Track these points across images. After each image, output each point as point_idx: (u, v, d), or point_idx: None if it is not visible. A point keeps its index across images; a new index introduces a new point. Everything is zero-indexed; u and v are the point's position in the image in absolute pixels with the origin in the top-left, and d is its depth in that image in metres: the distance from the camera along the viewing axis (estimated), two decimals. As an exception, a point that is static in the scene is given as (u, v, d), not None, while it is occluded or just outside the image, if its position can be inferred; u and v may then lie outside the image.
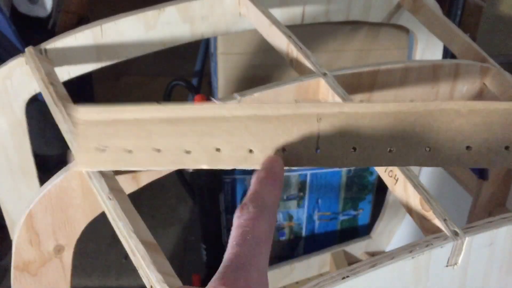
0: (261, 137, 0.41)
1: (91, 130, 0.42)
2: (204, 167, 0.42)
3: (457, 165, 0.42)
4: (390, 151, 0.41)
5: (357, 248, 1.35)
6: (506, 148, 0.41)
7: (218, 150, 0.41)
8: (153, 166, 0.43)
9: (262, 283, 0.37)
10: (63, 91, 0.68)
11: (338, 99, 0.62)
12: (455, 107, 0.41)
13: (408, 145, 0.41)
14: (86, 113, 0.42)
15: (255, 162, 0.41)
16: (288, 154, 0.41)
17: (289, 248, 1.40)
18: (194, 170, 0.44)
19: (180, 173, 1.42)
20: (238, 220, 0.38)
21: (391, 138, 0.41)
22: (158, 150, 0.42)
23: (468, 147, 0.41)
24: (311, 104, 0.41)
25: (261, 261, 0.37)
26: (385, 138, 0.41)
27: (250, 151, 0.41)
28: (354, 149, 0.41)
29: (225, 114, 0.41)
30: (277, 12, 0.84)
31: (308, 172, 1.26)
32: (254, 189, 0.39)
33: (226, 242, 1.41)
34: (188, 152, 0.42)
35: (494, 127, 0.41)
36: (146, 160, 0.43)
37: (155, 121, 0.42)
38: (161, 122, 0.42)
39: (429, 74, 0.71)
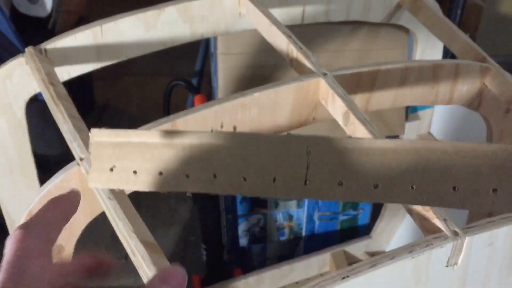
0: (254, 167, 0.43)
1: (103, 150, 0.46)
2: (202, 191, 0.45)
3: (442, 206, 0.42)
4: (375, 186, 0.41)
5: (357, 248, 1.35)
6: (494, 190, 0.41)
7: (215, 176, 0.44)
8: (155, 188, 0.45)
9: None
10: (63, 91, 0.68)
11: (338, 99, 0.62)
12: (442, 146, 0.41)
13: (394, 183, 0.41)
14: (99, 135, 0.46)
15: (248, 190, 0.43)
16: (278, 185, 0.42)
17: (289, 248, 1.40)
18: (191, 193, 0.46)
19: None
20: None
21: (377, 175, 0.41)
22: (160, 173, 0.45)
23: (454, 188, 0.41)
24: (302, 137, 0.42)
25: None
26: (372, 174, 0.42)
27: (244, 179, 0.43)
28: (341, 183, 0.42)
29: (221, 143, 0.43)
30: (277, 12, 0.84)
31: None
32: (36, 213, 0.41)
33: (226, 242, 1.41)
34: (187, 176, 0.44)
35: (481, 169, 0.41)
36: (149, 181, 0.45)
37: (159, 146, 0.45)
38: (163, 147, 0.44)
39: (429, 74, 0.71)
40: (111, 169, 0.46)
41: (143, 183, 0.45)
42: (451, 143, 0.41)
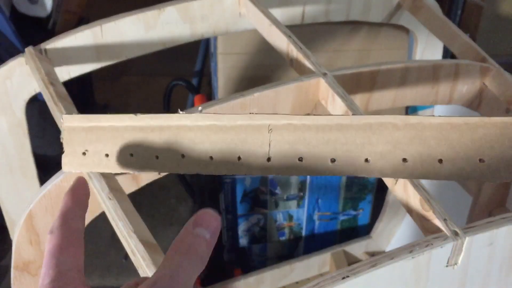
0: (219, 145, 0.45)
1: (75, 135, 0.48)
2: (171, 171, 0.46)
3: (393, 177, 0.44)
4: (332, 161, 0.44)
5: (357, 248, 1.35)
6: (439, 161, 0.43)
7: (183, 156, 0.45)
8: (126, 169, 0.47)
9: None
10: (63, 91, 0.68)
11: (338, 99, 0.62)
12: (393, 121, 0.43)
13: (349, 156, 0.44)
14: (70, 120, 0.48)
15: (214, 169, 0.45)
16: (243, 162, 0.45)
17: (289, 248, 1.40)
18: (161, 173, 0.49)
19: (180, 173, 1.41)
20: (47, 245, 0.41)
21: (334, 149, 0.44)
22: (131, 155, 0.47)
23: (404, 159, 0.43)
24: (262, 116, 0.44)
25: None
26: (329, 149, 0.44)
27: (211, 157, 0.45)
28: (301, 159, 0.44)
29: (188, 123, 0.45)
30: (277, 12, 0.84)
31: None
32: (60, 213, 0.42)
33: (226, 242, 1.41)
34: (157, 157, 0.46)
35: (428, 141, 0.43)
36: (120, 163, 0.47)
37: (128, 129, 0.46)
38: (133, 129, 0.46)
39: (429, 74, 0.71)
40: (84, 153, 0.48)
41: (115, 166, 0.47)
42: (400, 117, 0.43)
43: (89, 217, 0.60)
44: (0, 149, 0.79)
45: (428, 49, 1.04)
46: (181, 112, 0.47)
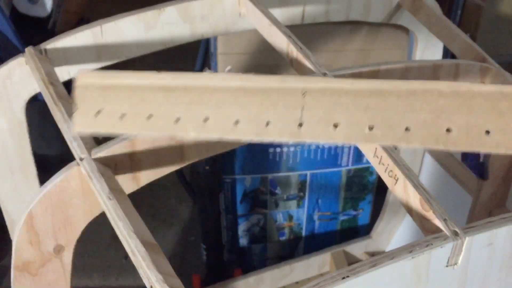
0: (247, 108, 0.41)
1: (88, 93, 0.44)
2: (192, 135, 0.43)
3: (435, 148, 0.41)
4: (370, 128, 0.41)
5: (357, 248, 1.35)
6: (487, 132, 0.40)
7: (206, 119, 0.42)
8: (143, 131, 0.44)
9: None
10: (63, 91, 0.68)
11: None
12: (438, 87, 0.40)
13: (388, 124, 0.41)
14: (85, 77, 0.44)
15: (240, 133, 0.42)
16: (272, 127, 0.41)
17: (289, 248, 1.40)
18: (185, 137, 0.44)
19: (180, 173, 1.42)
20: None
21: (372, 116, 0.41)
22: (149, 117, 0.43)
23: (448, 130, 0.40)
24: (297, 78, 0.41)
25: None
26: (367, 116, 0.41)
27: (237, 122, 0.42)
28: (336, 126, 0.41)
29: (214, 84, 0.42)
30: (277, 12, 0.84)
31: (308, 172, 1.26)
32: None
33: (226, 242, 1.41)
34: (177, 120, 0.43)
35: (476, 110, 0.40)
36: (137, 125, 0.43)
37: (147, 88, 0.43)
38: (152, 89, 0.43)
39: (429, 74, 0.71)
40: (98, 113, 0.44)
41: (131, 127, 0.44)
42: (447, 83, 0.41)
43: (89, 217, 0.61)
44: (0, 149, 0.79)
45: (428, 49, 1.04)
46: (207, 70, 0.44)
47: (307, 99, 0.41)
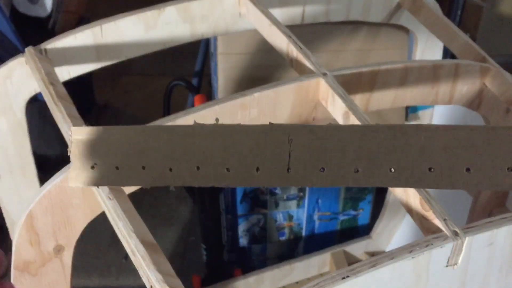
0: (237, 156, 0.43)
1: (84, 148, 0.46)
2: (185, 184, 0.45)
3: (419, 187, 0.43)
4: (356, 171, 0.42)
5: (357, 248, 1.35)
6: (467, 170, 0.42)
7: (198, 168, 0.44)
8: (138, 183, 0.45)
9: None
10: (63, 91, 0.68)
11: (338, 99, 0.62)
12: (417, 128, 0.42)
13: (374, 166, 0.42)
14: (79, 133, 0.46)
15: (231, 181, 0.44)
16: (261, 174, 0.43)
17: (289, 248, 1.40)
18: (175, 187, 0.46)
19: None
20: None
21: (358, 159, 0.42)
22: (143, 168, 0.45)
23: (430, 169, 0.42)
24: (283, 125, 0.43)
25: None
26: (352, 159, 0.42)
27: (228, 169, 0.43)
28: (323, 169, 0.43)
29: (204, 135, 0.44)
30: (277, 12, 0.84)
31: (308, 172, 1.26)
32: None
33: (226, 242, 1.41)
34: (170, 169, 0.44)
35: (456, 150, 0.42)
36: (131, 177, 0.45)
37: (140, 140, 0.45)
38: (146, 141, 0.44)
39: (429, 74, 0.71)
40: (93, 167, 0.46)
41: (126, 179, 0.45)
42: (427, 126, 0.42)
43: (89, 217, 0.61)
44: (0, 149, 0.79)
45: (428, 49, 1.04)
46: (196, 121, 0.46)
47: (293, 145, 0.43)
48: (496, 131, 0.42)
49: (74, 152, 0.46)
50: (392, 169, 0.42)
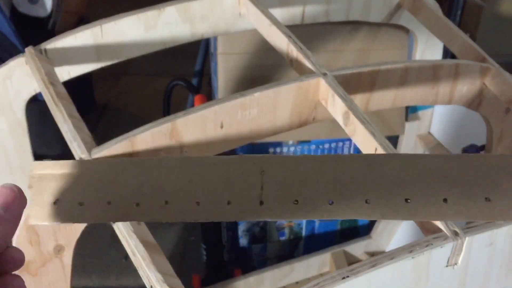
0: (206, 190, 0.41)
1: (45, 184, 0.43)
2: (152, 220, 0.43)
3: (396, 219, 0.41)
4: (331, 203, 0.41)
5: (357, 248, 1.35)
6: (444, 200, 0.41)
7: (166, 202, 0.42)
8: (103, 220, 0.43)
9: None
10: (63, 91, 0.68)
11: (338, 99, 0.62)
12: (394, 159, 0.41)
13: (347, 198, 0.41)
14: (40, 168, 0.43)
15: (201, 215, 0.41)
16: (233, 207, 0.41)
17: (289, 248, 1.40)
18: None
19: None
20: None
21: (332, 191, 0.41)
22: (109, 203, 0.42)
23: (406, 200, 0.41)
24: (253, 157, 0.41)
25: None
26: (326, 190, 0.41)
27: (198, 203, 0.41)
28: (296, 201, 0.41)
29: (171, 168, 0.42)
30: (277, 12, 0.84)
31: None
32: None
33: (226, 242, 1.40)
34: (137, 204, 0.42)
35: (431, 179, 0.41)
36: (96, 213, 0.43)
37: (107, 175, 0.42)
38: (110, 175, 0.42)
39: (429, 74, 0.71)
40: (55, 203, 0.43)
41: (90, 215, 0.42)
42: (403, 155, 0.41)
43: (89, 217, 0.60)
44: (0, 149, 0.79)
45: (428, 49, 1.04)
46: (162, 153, 0.45)
47: (265, 177, 0.41)
48: (471, 159, 0.41)
49: (34, 187, 0.43)
50: (368, 201, 0.41)
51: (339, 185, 0.41)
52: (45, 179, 0.43)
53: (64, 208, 0.43)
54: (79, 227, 0.61)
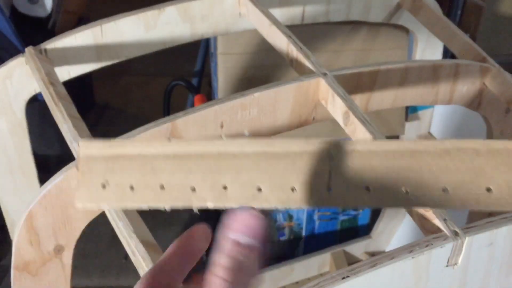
0: (270, 175, 0.39)
1: (93, 165, 0.41)
2: (210, 205, 0.41)
3: (477, 209, 0.39)
4: (406, 192, 0.39)
5: (357, 248, 1.35)
6: (488, 190, 0.38)
7: (225, 187, 0.40)
8: (157, 203, 0.42)
9: None
10: (63, 91, 0.68)
11: (338, 99, 0.62)
12: (474, 146, 0.38)
13: (424, 186, 0.39)
14: (89, 147, 0.41)
15: (264, 201, 0.39)
16: (298, 194, 0.39)
17: (289, 248, 1.40)
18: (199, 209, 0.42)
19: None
20: None
21: (406, 178, 0.39)
22: (162, 187, 0.41)
23: (488, 189, 0.39)
24: (321, 141, 0.39)
25: None
26: (400, 178, 0.39)
27: (259, 189, 0.39)
28: (368, 189, 0.38)
29: (233, 150, 0.39)
30: (277, 12, 0.84)
31: (308, 172, 1.26)
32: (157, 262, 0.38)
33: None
34: (193, 189, 0.41)
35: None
36: (149, 197, 0.41)
37: (160, 157, 0.40)
38: (166, 158, 0.40)
39: (429, 74, 0.71)
40: (103, 186, 0.41)
41: (142, 200, 0.41)
42: (482, 142, 0.39)
43: (89, 217, 0.61)
44: (0, 149, 0.79)
45: (428, 49, 1.04)
46: (223, 137, 0.43)
47: (333, 163, 0.39)
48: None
49: (83, 168, 0.41)
50: (447, 188, 0.39)
51: (413, 173, 0.39)
52: (94, 159, 0.41)
53: (114, 191, 0.40)
54: (79, 227, 0.61)
